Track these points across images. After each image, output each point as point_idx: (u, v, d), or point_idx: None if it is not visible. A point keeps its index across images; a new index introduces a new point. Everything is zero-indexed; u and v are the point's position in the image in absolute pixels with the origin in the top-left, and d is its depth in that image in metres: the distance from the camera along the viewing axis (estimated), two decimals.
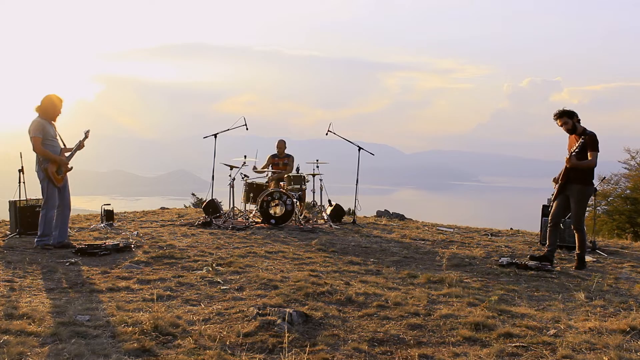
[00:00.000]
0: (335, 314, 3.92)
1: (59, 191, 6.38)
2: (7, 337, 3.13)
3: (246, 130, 9.63)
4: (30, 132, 6.19)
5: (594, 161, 5.89)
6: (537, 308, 4.28)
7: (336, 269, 5.55)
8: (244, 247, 6.65)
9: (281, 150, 10.40)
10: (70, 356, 2.93)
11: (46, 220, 6.28)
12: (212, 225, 8.56)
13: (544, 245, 6.93)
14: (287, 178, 9.34)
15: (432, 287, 4.86)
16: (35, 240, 6.32)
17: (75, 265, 5.37)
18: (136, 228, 8.20)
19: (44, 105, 6.30)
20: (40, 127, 6.21)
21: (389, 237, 8.18)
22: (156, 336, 3.29)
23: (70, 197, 6.57)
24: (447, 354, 3.21)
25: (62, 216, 6.44)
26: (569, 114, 6.03)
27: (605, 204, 21.35)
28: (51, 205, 6.32)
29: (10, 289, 4.34)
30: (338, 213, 9.87)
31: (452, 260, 6.22)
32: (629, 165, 21.68)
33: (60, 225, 6.41)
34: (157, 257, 5.79)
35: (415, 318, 3.87)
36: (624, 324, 3.69)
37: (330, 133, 9.68)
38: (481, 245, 7.70)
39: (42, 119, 6.27)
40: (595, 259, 6.84)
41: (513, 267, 5.90)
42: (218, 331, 3.47)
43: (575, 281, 5.39)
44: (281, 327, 3.48)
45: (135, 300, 4.16)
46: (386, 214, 11.92)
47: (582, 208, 6.11)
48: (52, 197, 6.31)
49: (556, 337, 3.49)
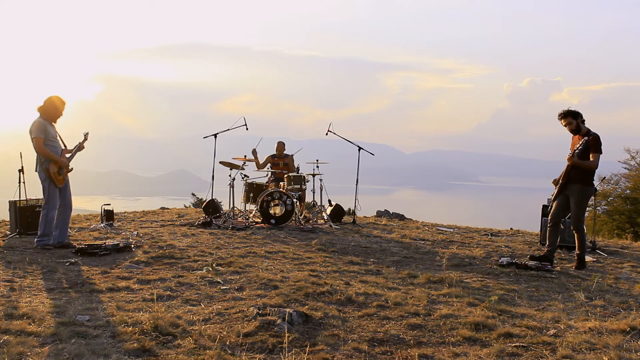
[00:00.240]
0: (335, 314, 3.92)
1: (60, 191, 6.39)
2: (7, 337, 3.12)
3: (246, 130, 9.64)
4: (32, 132, 6.20)
5: (595, 162, 5.88)
6: (537, 308, 4.28)
7: (336, 269, 5.55)
8: (244, 247, 6.65)
9: (281, 152, 10.41)
10: (70, 356, 2.93)
11: (47, 220, 6.28)
12: (212, 225, 8.56)
13: (544, 245, 6.93)
14: (287, 178, 9.33)
15: (432, 287, 4.86)
16: (35, 240, 6.32)
17: (75, 265, 5.37)
18: (136, 228, 8.20)
19: (45, 106, 6.31)
20: (42, 127, 6.21)
21: (389, 237, 8.17)
22: (156, 336, 3.29)
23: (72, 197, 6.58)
24: (447, 354, 3.21)
25: (63, 216, 6.45)
26: (574, 114, 6.02)
27: (605, 204, 21.36)
28: (52, 206, 6.32)
29: (10, 289, 4.34)
30: (338, 213, 9.87)
31: (452, 260, 6.22)
32: (629, 165, 21.69)
33: (61, 225, 6.42)
34: (157, 257, 5.79)
35: (415, 318, 3.87)
36: (624, 324, 3.69)
37: (330, 133, 9.69)
38: (481, 245, 7.70)
39: (43, 119, 6.27)
40: (595, 259, 6.84)
41: (513, 267, 5.90)
42: (218, 331, 3.47)
43: (575, 281, 5.39)
44: (281, 327, 3.48)
45: (135, 300, 4.16)
46: (386, 214, 11.91)
47: (582, 208, 6.10)
48: (53, 198, 6.32)
49: (556, 337, 3.49)
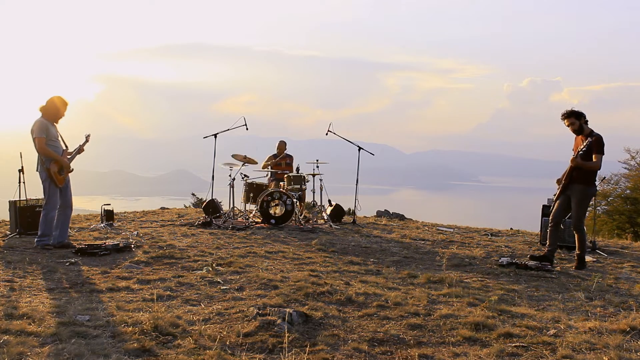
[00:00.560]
0: (335, 314, 3.92)
1: (60, 191, 6.39)
2: (7, 337, 3.12)
3: (246, 130, 9.65)
4: (34, 132, 6.20)
5: (598, 163, 5.88)
6: (537, 308, 4.28)
7: (336, 269, 5.54)
8: (244, 247, 6.65)
9: (281, 151, 10.43)
10: (70, 356, 2.93)
11: (47, 220, 6.28)
12: (212, 225, 8.55)
13: (544, 245, 6.93)
14: (287, 178, 9.34)
15: (432, 287, 4.86)
16: (35, 240, 6.32)
17: (75, 265, 5.37)
18: (136, 228, 8.20)
19: (47, 106, 6.32)
20: (44, 127, 6.22)
21: (389, 237, 8.17)
22: (156, 336, 3.29)
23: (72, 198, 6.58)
24: (447, 354, 3.21)
25: (64, 216, 6.45)
26: (577, 115, 6.02)
27: (605, 204, 21.35)
28: (52, 206, 6.32)
29: (10, 289, 4.34)
30: (338, 213, 9.87)
31: (452, 260, 6.22)
32: (629, 165, 21.68)
33: (61, 226, 6.42)
34: (157, 257, 5.79)
35: (415, 318, 3.87)
36: (624, 324, 3.69)
37: (330, 133, 9.69)
38: (481, 245, 7.70)
39: (45, 119, 6.28)
40: (595, 259, 6.84)
41: (513, 267, 5.90)
42: (218, 331, 3.47)
43: (575, 281, 5.39)
44: (281, 327, 3.47)
45: (135, 300, 4.16)
46: (386, 214, 11.91)
47: (582, 208, 6.10)
48: (53, 198, 6.32)
49: (556, 337, 3.49)
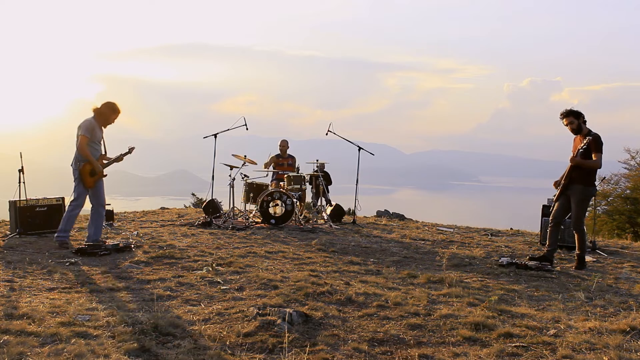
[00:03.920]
0: (335, 314, 3.92)
1: (92, 192, 6.39)
2: (7, 337, 3.12)
3: (246, 130, 9.64)
4: (81, 129, 6.23)
5: (598, 162, 5.87)
6: (537, 308, 4.28)
7: (336, 269, 5.54)
8: (244, 247, 6.65)
9: (284, 150, 10.43)
10: (70, 356, 2.93)
11: (69, 216, 6.34)
12: (212, 225, 8.55)
13: (544, 245, 6.93)
14: (287, 178, 9.34)
15: (432, 287, 4.86)
16: (55, 235, 6.36)
17: (75, 265, 5.37)
18: (136, 228, 8.20)
19: (101, 110, 6.35)
20: (91, 127, 6.25)
21: (389, 237, 8.17)
22: (156, 336, 3.29)
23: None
24: (447, 354, 3.21)
25: (97, 214, 6.47)
26: (575, 114, 6.02)
27: (605, 204, 21.35)
28: (78, 204, 6.35)
29: (10, 289, 4.34)
30: (338, 213, 9.87)
31: (452, 260, 6.22)
32: (629, 165, 21.70)
33: (95, 224, 6.43)
34: (157, 257, 5.79)
35: (415, 318, 3.87)
36: (624, 324, 3.69)
37: (330, 133, 9.69)
38: (481, 245, 7.70)
39: (95, 120, 6.31)
40: (595, 259, 6.84)
41: (513, 267, 5.90)
42: (218, 331, 3.47)
43: (575, 281, 5.39)
44: (281, 327, 3.47)
45: (135, 300, 4.16)
46: (386, 214, 11.92)
47: (582, 208, 6.10)
48: (81, 197, 6.33)
49: (556, 337, 3.49)
